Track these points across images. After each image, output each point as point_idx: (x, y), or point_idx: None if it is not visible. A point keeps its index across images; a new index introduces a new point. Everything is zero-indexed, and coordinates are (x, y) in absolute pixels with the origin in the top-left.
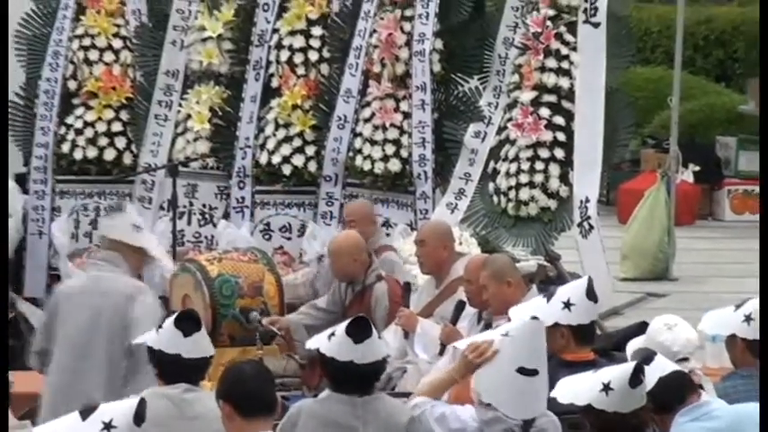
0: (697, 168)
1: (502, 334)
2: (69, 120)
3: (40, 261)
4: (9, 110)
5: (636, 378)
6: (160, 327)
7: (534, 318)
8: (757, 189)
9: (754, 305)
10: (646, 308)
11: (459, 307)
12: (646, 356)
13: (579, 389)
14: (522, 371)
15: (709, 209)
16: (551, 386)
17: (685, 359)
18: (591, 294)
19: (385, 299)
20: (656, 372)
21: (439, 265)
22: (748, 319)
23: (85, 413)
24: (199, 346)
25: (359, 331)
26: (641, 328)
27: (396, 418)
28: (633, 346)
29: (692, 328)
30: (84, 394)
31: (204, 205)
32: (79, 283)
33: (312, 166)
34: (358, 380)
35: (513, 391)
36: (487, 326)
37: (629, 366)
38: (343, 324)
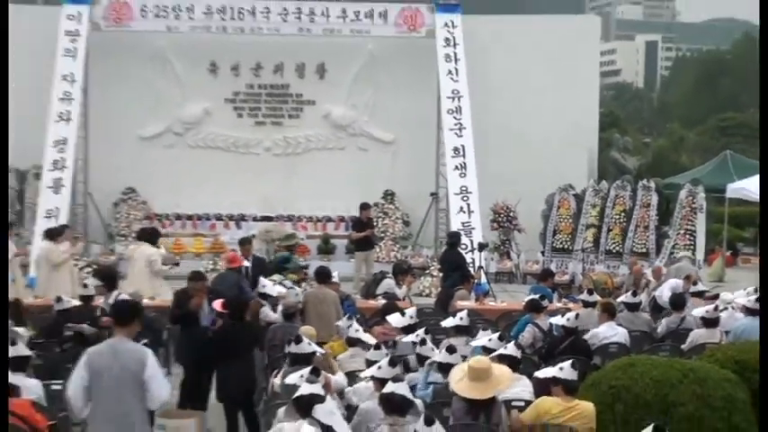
0: (731, 251)
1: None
2: None
3: None
4: None
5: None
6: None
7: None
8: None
9: (751, 289)
10: (717, 290)
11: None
12: (716, 296)
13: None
14: None
15: (736, 262)
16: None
17: (729, 303)
18: (696, 284)
19: None
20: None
21: (658, 276)
22: (748, 294)
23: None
24: None
25: (633, 306)
26: (717, 296)
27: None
28: (719, 299)
29: (731, 296)
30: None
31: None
32: None
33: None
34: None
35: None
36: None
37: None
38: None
